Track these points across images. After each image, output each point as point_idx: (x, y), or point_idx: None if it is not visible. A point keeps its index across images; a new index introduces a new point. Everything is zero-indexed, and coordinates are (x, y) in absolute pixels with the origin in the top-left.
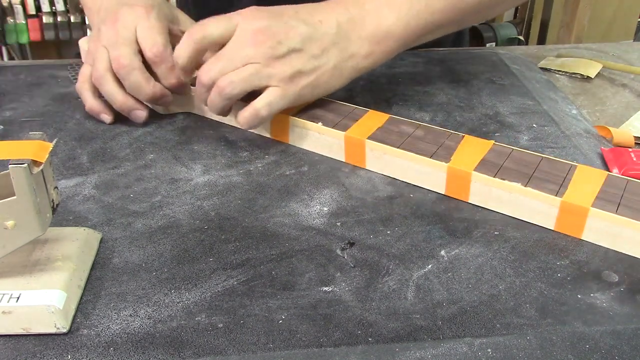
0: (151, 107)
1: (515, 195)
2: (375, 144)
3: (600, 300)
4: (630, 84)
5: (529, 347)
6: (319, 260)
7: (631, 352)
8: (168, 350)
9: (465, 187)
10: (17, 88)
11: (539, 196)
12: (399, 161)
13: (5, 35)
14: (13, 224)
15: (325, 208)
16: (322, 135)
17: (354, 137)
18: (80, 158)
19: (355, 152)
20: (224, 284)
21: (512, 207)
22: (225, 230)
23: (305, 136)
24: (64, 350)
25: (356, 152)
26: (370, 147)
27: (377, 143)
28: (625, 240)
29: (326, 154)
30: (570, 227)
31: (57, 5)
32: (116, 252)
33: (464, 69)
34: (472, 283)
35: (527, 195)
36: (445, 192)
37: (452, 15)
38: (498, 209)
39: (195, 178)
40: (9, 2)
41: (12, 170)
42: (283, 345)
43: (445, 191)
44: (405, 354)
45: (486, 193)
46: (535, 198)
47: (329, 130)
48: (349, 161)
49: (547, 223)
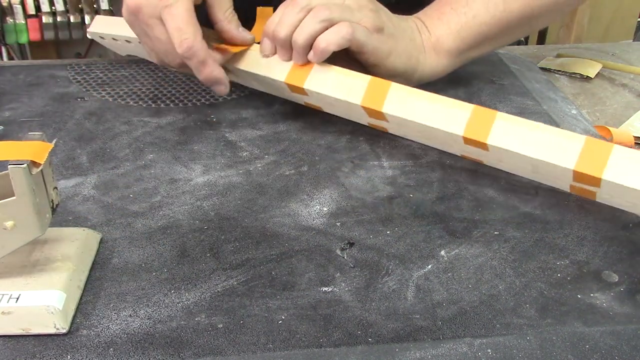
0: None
1: (538, 133)
2: (400, 86)
3: (600, 300)
4: (630, 84)
5: (529, 347)
6: (318, 261)
7: (631, 352)
8: (168, 351)
9: (487, 127)
10: (16, 88)
11: (561, 134)
12: (423, 103)
13: (5, 35)
14: (12, 225)
15: (325, 208)
16: (345, 78)
17: (380, 80)
18: (79, 158)
19: (375, 95)
20: (224, 284)
21: (534, 148)
22: (225, 230)
23: (324, 79)
24: (63, 351)
25: (377, 95)
26: (395, 89)
27: (402, 85)
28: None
29: (342, 97)
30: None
31: (56, 5)
32: (116, 252)
33: (464, 69)
34: (472, 283)
35: (550, 132)
36: (464, 134)
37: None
38: (520, 150)
39: (195, 178)
40: (8, 2)
41: (12, 171)
42: (283, 346)
43: (464, 132)
44: (405, 354)
45: (510, 132)
46: (558, 136)
47: (354, 73)
48: (365, 104)
49: (569, 162)
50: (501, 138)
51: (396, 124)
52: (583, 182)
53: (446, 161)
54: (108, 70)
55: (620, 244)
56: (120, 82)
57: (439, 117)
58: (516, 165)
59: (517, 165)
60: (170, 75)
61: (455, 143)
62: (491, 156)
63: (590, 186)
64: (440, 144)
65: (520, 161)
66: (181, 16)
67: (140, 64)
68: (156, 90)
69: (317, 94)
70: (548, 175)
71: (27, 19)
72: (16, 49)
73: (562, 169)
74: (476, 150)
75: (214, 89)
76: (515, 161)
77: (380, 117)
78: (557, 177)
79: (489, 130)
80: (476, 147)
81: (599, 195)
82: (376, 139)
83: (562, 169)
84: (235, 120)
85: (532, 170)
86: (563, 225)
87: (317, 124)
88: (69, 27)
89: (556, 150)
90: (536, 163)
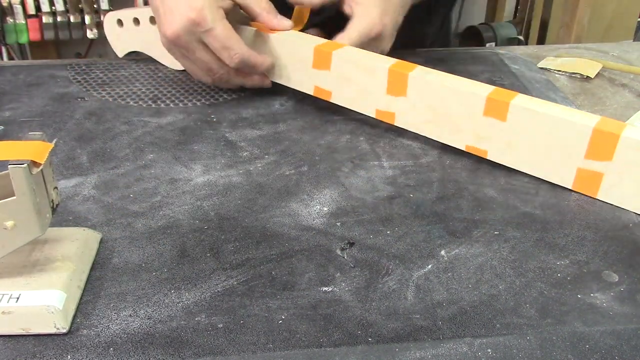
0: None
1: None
2: (425, 67)
3: (600, 300)
4: (630, 84)
5: (529, 347)
6: (318, 261)
7: (631, 352)
8: (168, 351)
9: (509, 96)
10: (16, 88)
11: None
12: (449, 76)
13: (5, 35)
14: (13, 224)
15: (325, 208)
16: (369, 61)
17: (403, 62)
18: (80, 158)
19: (398, 79)
20: (224, 284)
21: (555, 109)
22: (225, 230)
23: (348, 61)
24: (63, 351)
25: (399, 78)
26: (422, 67)
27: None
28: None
29: (364, 78)
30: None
31: (56, 5)
32: (116, 252)
33: (464, 69)
34: (472, 283)
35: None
36: (484, 113)
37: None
38: (542, 110)
39: (195, 178)
40: (8, 2)
41: (12, 171)
42: (283, 346)
43: (483, 112)
44: (405, 354)
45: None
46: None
47: (379, 56)
48: (394, 68)
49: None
50: (525, 101)
51: (412, 99)
52: (595, 156)
53: (446, 161)
54: (108, 70)
55: (620, 244)
56: (120, 82)
57: (463, 84)
58: (526, 144)
59: (526, 146)
60: (170, 75)
61: (468, 119)
62: (504, 133)
63: (601, 161)
64: (449, 125)
65: (535, 132)
66: (223, 35)
67: (140, 63)
68: (156, 90)
69: (344, 61)
70: (559, 155)
71: (27, 19)
72: (16, 49)
73: (581, 132)
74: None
75: (264, 70)
76: (529, 136)
77: (400, 89)
78: (569, 156)
79: (511, 97)
80: (494, 115)
81: (606, 180)
82: (376, 139)
83: (582, 130)
84: (235, 120)
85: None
86: (563, 225)
87: (317, 124)
88: (69, 27)
89: (576, 115)
90: (556, 127)
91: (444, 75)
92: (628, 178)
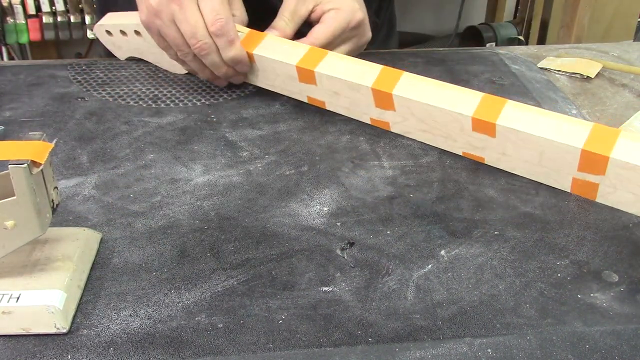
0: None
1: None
2: (412, 75)
3: (600, 300)
4: (630, 84)
5: (529, 347)
6: (319, 260)
7: (631, 352)
8: (168, 350)
9: (496, 111)
10: (16, 88)
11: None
12: (433, 88)
13: (5, 35)
14: (13, 224)
15: (325, 208)
16: (357, 65)
17: (392, 69)
18: (80, 158)
19: (386, 80)
20: (224, 284)
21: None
22: (225, 230)
23: (336, 65)
24: (63, 351)
25: (388, 80)
26: (407, 76)
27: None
28: None
29: (355, 81)
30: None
31: (57, 5)
32: (116, 252)
33: (464, 69)
34: (472, 283)
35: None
36: (473, 115)
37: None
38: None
39: (195, 178)
40: (8, 2)
41: (12, 171)
42: (283, 345)
43: (473, 113)
44: (405, 354)
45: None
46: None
47: (366, 62)
48: (376, 86)
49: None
50: (511, 120)
51: (402, 113)
52: (588, 170)
53: (446, 161)
54: (108, 70)
55: (620, 244)
56: (120, 82)
57: (449, 100)
58: (520, 156)
59: (520, 157)
60: (170, 75)
61: (460, 132)
62: (496, 145)
63: (595, 175)
64: (444, 135)
65: (526, 147)
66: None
67: (140, 64)
68: (156, 90)
69: (327, 78)
70: (552, 165)
71: (27, 19)
72: (16, 49)
73: (570, 152)
74: (481, 139)
75: (237, 68)
76: (520, 150)
77: (388, 104)
78: (562, 168)
79: (498, 113)
80: (483, 132)
81: (602, 188)
82: (376, 139)
83: (570, 150)
84: (236, 120)
85: (537, 161)
86: (563, 225)
87: (317, 124)
88: (70, 27)
89: (565, 132)
90: (543, 146)
91: (429, 87)
92: (623, 189)
